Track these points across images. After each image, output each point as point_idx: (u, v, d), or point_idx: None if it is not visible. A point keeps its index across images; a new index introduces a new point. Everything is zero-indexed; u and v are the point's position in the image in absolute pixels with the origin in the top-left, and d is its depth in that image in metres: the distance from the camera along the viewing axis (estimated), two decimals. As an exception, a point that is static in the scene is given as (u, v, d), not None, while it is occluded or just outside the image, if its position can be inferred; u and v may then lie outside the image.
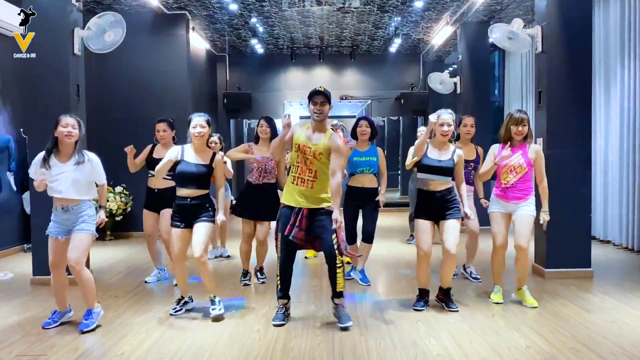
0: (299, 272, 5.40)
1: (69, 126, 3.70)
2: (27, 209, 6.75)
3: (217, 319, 4.03)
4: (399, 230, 8.00)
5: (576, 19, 5.21)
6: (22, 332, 3.82)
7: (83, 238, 3.74)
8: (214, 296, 4.13)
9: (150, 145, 5.19)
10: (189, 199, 4.01)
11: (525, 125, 4.24)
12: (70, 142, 3.73)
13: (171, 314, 4.14)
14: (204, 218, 4.01)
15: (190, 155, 4.05)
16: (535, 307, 4.26)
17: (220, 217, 4.04)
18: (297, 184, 3.84)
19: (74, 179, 3.71)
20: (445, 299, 4.27)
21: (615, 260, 6.21)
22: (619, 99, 6.95)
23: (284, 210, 3.91)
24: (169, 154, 4.05)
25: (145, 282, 5.25)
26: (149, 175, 5.13)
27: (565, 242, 5.18)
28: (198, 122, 4.04)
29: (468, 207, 4.34)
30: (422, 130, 7.05)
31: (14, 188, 6.93)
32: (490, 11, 8.47)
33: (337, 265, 3.81)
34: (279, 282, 3.96)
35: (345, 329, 3.78)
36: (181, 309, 4.20)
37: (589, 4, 5.37)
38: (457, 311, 4.17)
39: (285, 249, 3.89)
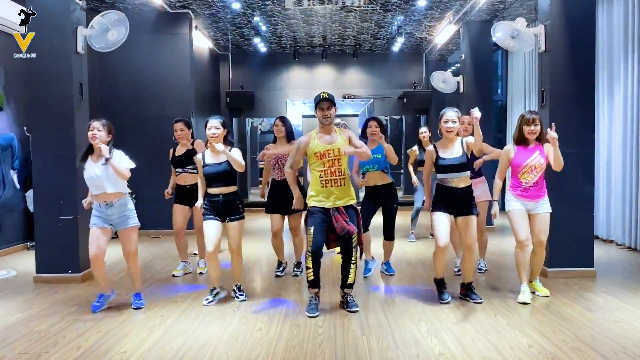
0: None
1: (95, 129, 4.06)
2: (30, 207, 6.78)
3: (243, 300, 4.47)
4: (402, 229, 7.97)
5: (579, 17, 5.20)
6: (25, 329, 3.83)
7: (132, 232, 4.26)
8: (240, 285, 4.56)
9: (171, 150, 5.42)
10: (220, 196, 4.33)
11: (537, 124, 4.34)
12: (96, 142, 4.05)
13: (204, 305, 4.32)
14: (235, 217, 4.37)
15: (209, 157, 4.38)
16: (548, 296, 4.49)
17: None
18: (330, 186, 4.07)
19: (107, 176, 4.05)
20: (468, 293, 4.44)
21: (618, 260, 6.19)
22: (622, 98, 6.93)
23: (316, 209, 4.09)
24: (196, 159, 4.47)
25: (173, 275, 5.40)
26: (177, 173, 5.35)
27: (568, 242, 5.17)
28: (213, 124, 4.34)
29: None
30: (424, 131, 7.05)
31: (17, 186, 6.96)
32: (493, 10, 8.45)
33: (352, 262, 4.17)
34: (311, 272, 4.11)
35: (351, 311, 4.13)
36: (214, 300, 4.41)
37: (592, 3, 5.35)
38: (481, 302, 4.33)
39: (319, 241, 4.07)
